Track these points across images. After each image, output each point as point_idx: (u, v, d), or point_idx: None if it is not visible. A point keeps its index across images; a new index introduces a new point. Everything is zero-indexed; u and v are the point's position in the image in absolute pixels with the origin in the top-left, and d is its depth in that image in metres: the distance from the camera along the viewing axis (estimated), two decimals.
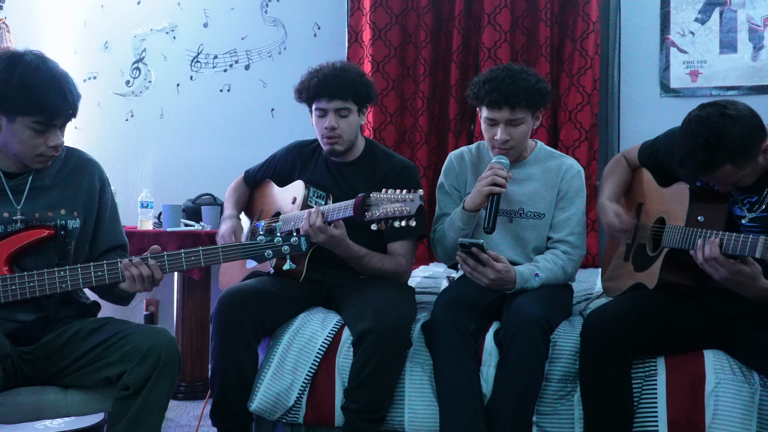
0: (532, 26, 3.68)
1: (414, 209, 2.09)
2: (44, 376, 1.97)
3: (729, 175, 1.97)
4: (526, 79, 2.36)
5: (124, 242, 2.21)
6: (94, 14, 4.28)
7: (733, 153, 1.92)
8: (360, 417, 2.22)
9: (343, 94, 2.48)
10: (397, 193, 2.12)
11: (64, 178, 2.08)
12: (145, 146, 4.23)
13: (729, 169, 1.95)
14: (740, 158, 1.93)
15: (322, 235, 2.30)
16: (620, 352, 2.04)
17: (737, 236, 1.84)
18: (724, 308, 2.12)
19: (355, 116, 2.54)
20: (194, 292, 3.61)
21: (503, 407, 2.13)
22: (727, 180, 1.99)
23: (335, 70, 2.51)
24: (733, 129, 1.90)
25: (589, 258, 3.48)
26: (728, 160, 1.93)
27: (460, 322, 2.22)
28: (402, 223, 2.11)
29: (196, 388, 3.60)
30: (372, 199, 2.15)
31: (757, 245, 1.75)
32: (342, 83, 2.48)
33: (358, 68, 2.61)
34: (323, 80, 2.48)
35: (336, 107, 2.49)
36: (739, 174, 1.97)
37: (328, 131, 2.51)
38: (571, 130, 3.58)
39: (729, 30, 3.55)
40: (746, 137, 1.92)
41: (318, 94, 2.50)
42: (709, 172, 1.97)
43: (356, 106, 2.53)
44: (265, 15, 4.11)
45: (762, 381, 2.04)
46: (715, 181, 2.03)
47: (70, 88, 1.92)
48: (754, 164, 1.97)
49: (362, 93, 2.52)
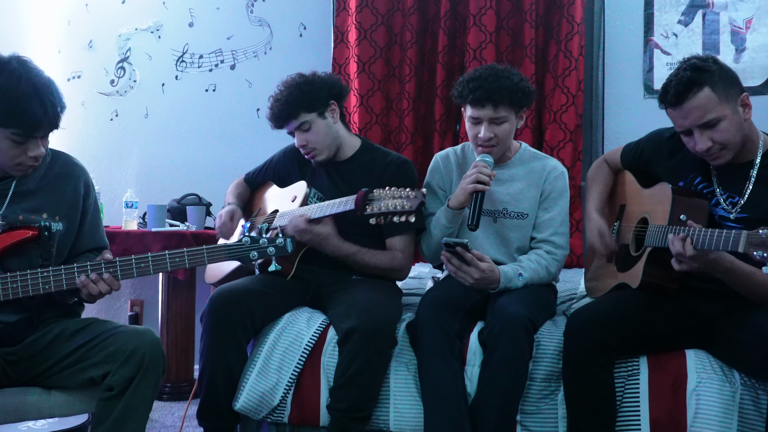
0: (517, 27, 3.69)
1: (415, 206, 2.13)
2: (27, 377, 1.96)
3: (707, 106, 2.01)
4: (509, 78, 2.39)
5: (103, 244, 2.20)
6: (79, 13, 4.25)
7: (716, 78, 2.01)
8: (345, 416, 2.23)
9: (291, 114, 2.49)
10: (401, 191, 2.16)
11: (49, 183, 2.06)
12: (130, 146, 4.21)
13: (708, 97, 2.00)
14: (720, 86, 2.01)
15: (308, 234, 2.31)
16: (603, 351, 2.05)
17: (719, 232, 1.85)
18: (705, 308, 2.14)
19: (319, 122, 2.52)
20: (179, 292, 3.60)
21: (487, 406, 2.14)
22: (704, 115, 2.02)
23: (279, 94, 2.52)
24: (720, 63, 2.06)
25: (573, 258, 3.50)
26: (709, 83, 2.00)
27: (444, 322, 2.23)
28: (402, 218, 2.13)
29: (181, 389, 3.59)
30: (375, 194, 2.18)
31: (739, 239, 1.76)
32: (283, 105, 2.50)
33: (303, 77, 2.55)
34: (272, 110, 2.53)
35: (295, 126, 2.52)
36: (717, 110, 2.00)
37: (303, 149, 2.56)
38: (556, 131, 3.60)
39: (712, 32, 3.58)
40: (730, 73, 2.06)
41: (276, 123, 2.55)
42: (688, 95, 2.02)
43: (312, 113, 2.51)
44: (251, 15, 4.10)
45: (743, 380, 2.06)
46: (692, 116, 2.04)
47: (52, 101, 1.88)
48: (732, 109, 2.02)
49: (309, 101, 2.50)
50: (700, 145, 2.06)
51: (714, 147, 2.05)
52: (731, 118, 2.03)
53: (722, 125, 2.02)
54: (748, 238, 1.74)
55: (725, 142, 2.04)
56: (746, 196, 2.09)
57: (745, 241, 1.74)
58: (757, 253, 1.70)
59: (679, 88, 2.02)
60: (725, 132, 2.03)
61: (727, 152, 2.06)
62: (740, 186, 2.11)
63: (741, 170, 2.12)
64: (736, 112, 2.04)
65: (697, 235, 1.88)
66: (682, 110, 2.04)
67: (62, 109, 1.92)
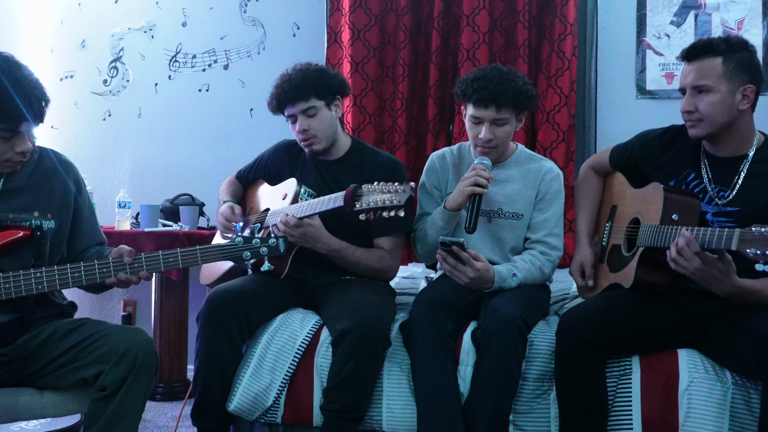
0: (510, 28, 3.69)
1: (404, 199, 2.10)
2: (20, 377, 1.96)
3: (708, 72, 2.07)
4: (514, 80, 2.40)
5: (103, 239, 2.21)
6: (71, 12, 4.24)
7: (734, 57, 2.07)
8: (338, 417, 2.23)
9: (303, 94, 2.48)
10: (389, 185, 2.14)
11: (38, 180, 2.05)
12: (123, 146, 4.20)
13: (714, 66, 2.07)
14: (732, 66, 2.07)
15: (299, 229, 2.30)
16: (595, 351, 2.06)
17: (711, 230, 1.86)
18: (697, 308, 2.15)
19: (325, 112, 2.53)
20: (172, 292, 3.59)
21: (480, 406, 2.14)
22: (700, 78, 2.08)
23: (291, 75, 2.52)
24: (752, 52, 2.12)
25: (566, 259, 3.50)
26: (725, 56, 2.07)
27: (437, 322, 2.23)
28: (391, 213, 2.12)
29: (174, 389, 3.58)
30: (363, 190, 2.16)
31: (732, 237, 1.77)
32: (297, 84, 2.48)
33: (316, 65, 2.58)
34: (281, 88, 2.51)
35: (301, 109, 2.50)
36: (714, 81, 2.06)
37: (302, 134, 2.52)
38: (549, 131, 3.60)
39: (704, 33, 3.59)
40: (753, 65, 2.11)
41: (282, 103, 2.52)
42: (700, 56, 2.10)
43: (321, 101, 2.52)
44: (244, 15, 4.09)
45: (734, 379, 2.07)
46: (692, 76, 2.11)
47: (36, 94, 1.87)
48: (729, 90, 2.07)
49: (322, 87, 2.51)
50: (684, 105, 2.14)
51: (694, 114, 2.11)
52: (723, 97, 2.07)
53: (710, 97, 2.08)
54: (741, 235, 1.74)
55: (705, 115, 2.09)
56: (736, 189, 2.12)
57: (738, 238, 1.75)
58: (750, 250, 1.71)
59: (697, 46, 2.13)
60: (709, 105, 2.09)
61: (703, 126, 2.11)
62: (731, 179, 2.13)
63: (732, 164, 2.14)
64: (732, 95, 2.08)
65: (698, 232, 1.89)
66: (688, 66, 2.14)
67: (47, 103, 1.92)
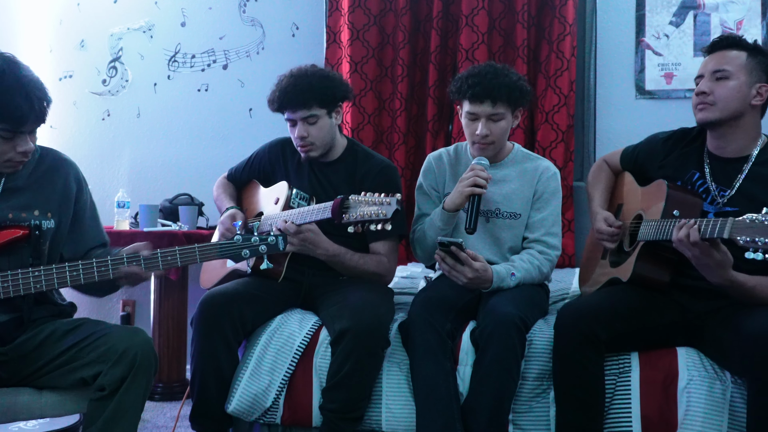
0: (509, 28, 3.69)
1: (390, 213, 2.09)
2: (18, 377, 1.96)
3: (730, 61, 2.13)
4: (508, 76, 2.41)
5: (106, 240, 2.21)
6: (70, 12, 4.23)
7: (758, 57, 2.15)
8: (337, 417, 2.23)
9: (306, 103, 2.45)
10: (375, 197, 2.13)
11: (38, 179, 2.05)
12: (122, 146, 4.19)
13: (737, 57, 2.14)
14: (754, 62, 2.13)
15: (298, 236, 2.30)
16: (593, 345, 2.06)
17: (707, 219, 1.89)
18: (695, 305, 2.15)
19: (325, 120, 2.51)
20: (171, 292, 3.59)
21: (479, 406, 2.14)
22: (721, 64, 2.13)
23: (295, 79, 2.47)
24: (765, 47, 2.24)
25: (565, 258, 3.51)
26: (749, 52, 2.15)
27: (436, 322, 2.23)
28: (378, 226, 2.11)
29: (173, 389, 3.58)
30: (350, 202, 2.15)
31: (725, 226, 1.79)
32: (301, 91, 2.45)
33: (322, 71, 2.55)
34: (284, 91, 2.47)
35: (302, 116, 2.47)
36: (734, 70, 2.12)
37: (300, 140, 2.51)
38: (548, 131, 3.60)
39: (703, 33, 3.59)
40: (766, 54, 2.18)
41: (283, 106, 2.50)
42: (725, 48, 2.17)
43: (323, 109, 2.49)
44: (243, 15, 4.09)
45: (733, 378, 2.07)
46: (713, 62, 2.16)
47: (37, 95, 1.87)
48: (747, 81, 2.12)
49: (327, 96, 2.48)
50: (700, 86, 2.17)
51: (708, 97, 2.14)
52: (739, 86, 2.12)
53: (728, 83, 2.13)
54: (734, 223, 1.77)
55: (719, 98, 2.13)
56: (735, 189, 2.13)
57: (731, 226, 1.78)
58: (741, 237, 1.75)
59: (725, 39, 2.19)
60: (726, 89, 2.13)
61: (713, 110, 2.14)
62: (731, 179, 2.15)
63: (734, 165, 2.16)
64: (748, 87, 2.13)
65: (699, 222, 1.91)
66: (711, 56, 2.18)
67: (48, 103, 1.91)
